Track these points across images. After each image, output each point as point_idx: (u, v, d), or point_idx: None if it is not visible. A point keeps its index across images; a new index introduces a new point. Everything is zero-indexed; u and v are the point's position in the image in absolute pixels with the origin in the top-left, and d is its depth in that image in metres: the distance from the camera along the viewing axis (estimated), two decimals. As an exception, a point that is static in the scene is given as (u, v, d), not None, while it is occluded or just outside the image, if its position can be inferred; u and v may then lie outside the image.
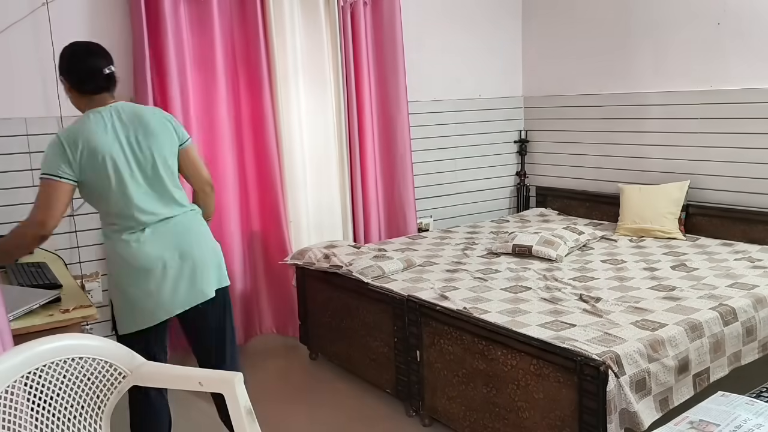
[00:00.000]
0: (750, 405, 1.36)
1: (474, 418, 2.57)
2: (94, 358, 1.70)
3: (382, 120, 4.12)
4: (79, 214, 3.32)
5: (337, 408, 3.08)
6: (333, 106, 3.96)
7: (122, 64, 3.36)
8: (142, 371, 1.77)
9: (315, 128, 3.95)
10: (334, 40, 3.88)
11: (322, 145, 3.98)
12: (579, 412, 2.15)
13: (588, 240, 3.69)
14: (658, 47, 4.04)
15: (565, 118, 4.66)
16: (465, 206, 4.77)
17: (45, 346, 1.63)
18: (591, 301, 2.70)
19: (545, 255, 3.38)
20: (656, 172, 4.10)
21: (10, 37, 3.06)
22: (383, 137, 4.14)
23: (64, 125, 3.21)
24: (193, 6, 3.42)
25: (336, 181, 4.04)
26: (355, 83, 3.95)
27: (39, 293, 2.15)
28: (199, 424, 2.97)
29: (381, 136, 4.13)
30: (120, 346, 1.76)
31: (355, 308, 3.18)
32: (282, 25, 3.72)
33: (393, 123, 4.10)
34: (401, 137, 4.11)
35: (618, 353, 2.16)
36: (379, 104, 4.11)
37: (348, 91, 3.93)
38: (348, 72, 3.91)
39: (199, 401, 3.05)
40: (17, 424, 1.54)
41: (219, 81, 3.50)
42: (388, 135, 4.13)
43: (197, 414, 3.03)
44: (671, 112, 4.00)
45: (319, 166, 4.00)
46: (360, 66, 3.96)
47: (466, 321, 2.57)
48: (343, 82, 3.91)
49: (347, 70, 3.91)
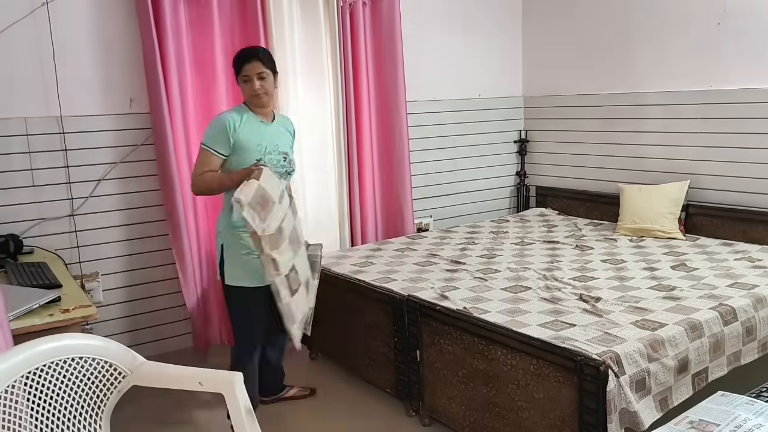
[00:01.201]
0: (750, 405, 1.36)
1: (474, 418, 2.57)
2: (94, 358, 1.70)
3: (381, 120, 4.12)
4: (79, 214, 3.33)
5: (337, 408, 3.08)
6: (332, 106, 3.96)
7: (122, 64, 3.38)
8: (142, 371, 1.77)
9: (313, 128, 3.94)
10: (334, 40, 3.88)
11: (320, 144, 3.98)
12: (579, 412, 2.15)
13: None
14: (658, 47, 4.04)
15: (565, 118, 4.66)
16: (465, 206, 4.77)
17: (45, 345, 1.63)
18: (591, 300, 2.70)
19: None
20: (656, 172, 4.10)
21: (10, 37, 3.06)
22: (382, 137, 4.14)
23: (64, 125, 3.23)
24: (193, 6, 3.42)
25: (333, 180, 4.04)
26: (354, 83, 3.95)
27: (39, 293, 2.15)
28: (198, 425, 2.97)
29: (379, 135, 4.13)
30: (120, 346, 1.76)
31: (355, 308, 3.18)
32: (281, 25, 3.72)
33: (392, 123, 4.10)
34: (399, 137, 4.11)
35: (618, 353, 2.17)
36: (377, 104, 4.11)
37: (347, 90, 3.93)
38: (347, 72, 3.91)
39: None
40: (17, 423, 1.54)
41: (219, 81, 3.50)
42: (387, 135, 4.13)
43: (198, 414, 3.03)
44: (671, 112, 4.00)
45: (316, 166, 3.99)
46: (359, 66, 3.96)
47: (466, 321, 2.57)
48: (342, 81, 3.91)
49: (346, 70, 3.91)
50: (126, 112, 3.41)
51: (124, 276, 3.50)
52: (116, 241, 3.46)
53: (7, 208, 3.13)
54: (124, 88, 3.40)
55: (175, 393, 1.97)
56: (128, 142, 3.43)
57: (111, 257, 3.45)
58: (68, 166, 3.28)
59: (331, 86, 3.94)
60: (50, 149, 3.23)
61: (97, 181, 3.37)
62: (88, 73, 3.30)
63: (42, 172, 3.22)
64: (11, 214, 3.14)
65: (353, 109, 3.97)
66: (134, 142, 3.43)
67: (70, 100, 3.23)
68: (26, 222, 3.19)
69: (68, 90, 3.22)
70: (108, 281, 3.44)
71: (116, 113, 3.39)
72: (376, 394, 3.14)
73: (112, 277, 3.46)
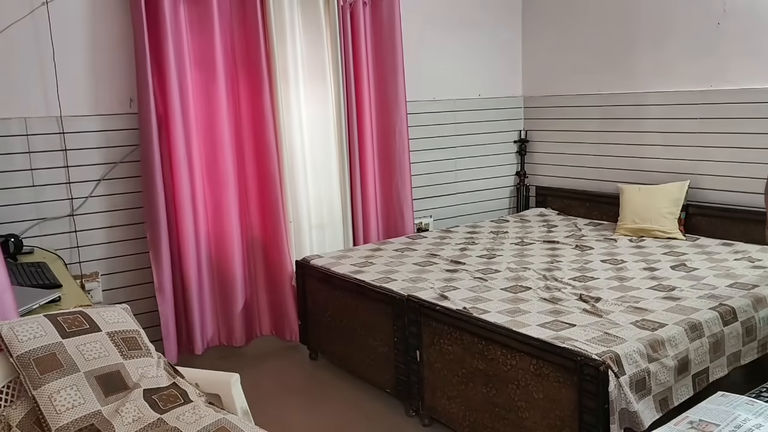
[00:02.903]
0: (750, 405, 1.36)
1: (474, 418, 2.57)
2: (94, 358, 1.69)
3: (381, 119, 4.12)
4: (79, 214, 3.33)
5: (337, 408, 3.08)
6: (332, 106, 3.96)
7: (123, 65, 3.38)
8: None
9: (314, 128, 3.95)
10: (334, 40, 3.88)
11: (321, 145, 3.98)
12: (579, 412, 2.15)
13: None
14: (658, 47, 4.04)
15: (565, 118, 4.66)
16: (465, 206, 4.77)
17: (45, 346, 1.62)
18: (591, 301, 2.70)
19: None
20: (656, 172, 4.10)
21: (10, 37, 3.06)
22: (382, 137, 4.13)
23: (64, 125, 3.23)
24: (193, 6, 3.42)
25: (336, 181, 4.04)
26: (354, 83, 3.95)
27: (39, 293, 2.15)
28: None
29: (380, 135, 4.13)
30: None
31: (355, 308, 3.18)
32: (282, 25, 3.72)
33: (392, 123, 4.10)
34: (400, 137, 4.11)
35: (618, 353, 2.16)
36: (378, 104, 4.10)
37: (347, 90, 3.93)
38: (347, 72, 3.91)
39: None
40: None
41: (219, 81, 3.50)
42: (387, 135, 4.13)
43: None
44: (671, 112, 4.00)
45: (318, 166, 3.99)
46: (359, 66, 3.96)
47: (466, 321, 2.57)
48: (343, 81, 3.91)
49: (347, 70, 3.91)
50: (126, 112, 3.41)
51: (124, 276, 3.50)
52: (116, 241, 3.46)
53: (7, 208, 3.13)
54: (124, 88, 3.40)
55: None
56: (128, 142, 3.43)
57: (111, 257, 3.45)
58: (68, 166, 3.28)
59: (332, 86, 3.94)
60: (50, 149, 3.23)
61: (97, 181, 3.37)
62: (88, 73, 3.30)
63: (42, 172, 3.22)
64: (11, 214, 3.14)
65: (354, 109, 3.97)
66: (134, 142, 3.43)
67: (70, 100, 3.23)
68: (26, 222, 3.19)
69: (68, 90, 3.22)
70: (108, 281, 3.44)
71: (116, 113, 3.39)
72: (376, 394, 3.14)
73: (111, 277, 3.46)
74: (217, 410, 1.64)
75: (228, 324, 3.69)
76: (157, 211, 3.36)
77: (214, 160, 3.55)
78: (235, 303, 3.67)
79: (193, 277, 3.50)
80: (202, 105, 3.52)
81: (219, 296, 3.68)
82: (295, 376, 3.50)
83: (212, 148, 3.55)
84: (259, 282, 3.80)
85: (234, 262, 3.63)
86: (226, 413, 1.63)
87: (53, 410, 1.50)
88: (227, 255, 3.63)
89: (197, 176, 3.51)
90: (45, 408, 1.50)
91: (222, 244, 3.63)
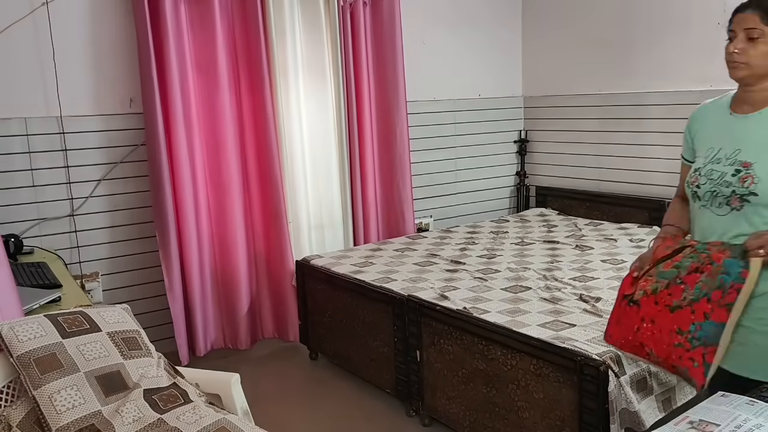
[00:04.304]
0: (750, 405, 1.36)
1: (474, 418, 2.57)
2: (94, 358, 1.69)
3: (381, 119, 4.12)
4: (79, 214, 3.33)
5: (337, 408, 3.08)
6: (333, 106, 3.96)
7: (123, 65, 3.38)
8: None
9: (315, 128, 3.95)
10: (334, 40, 3.88)
11: (321, 145, 3.98)
12: (579, 412, 2.14)
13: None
14: (658, 47, 4.03)
15: (565, 118, 4.66)
16: (465, 206, 4.77)
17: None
18: (591, 301, 2.70)
19: None
20: (656, 172, 4.09)
21: (10, 37, 3.06)
22: (382, 137, 4.13)
23: (64, 125, 3.23)
24: (194, 6, 3.42)
25: (336, 181, 4.04)
26: (354, 83, 3.95)
27: (39, 293, 2.15)
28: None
29: (380, 135, 4.13)
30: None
31: (355, 308, 3.18)
32: (282, 25, 3.72)
33: (392, 123, 4.10)
34: (400, 137, 4.11)
35: (618, 353, 2.16)
36: (378, 104, 4.10)
37: (348, 91, 3.93)
38: (348, 72, 3.91)
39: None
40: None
41: (220, 81, 3.49)
42: (387, 135, 4.13)
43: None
44: (671, 112, 4.00)
45: (319, 167, 3.99)
46: (360, 66, 3.96)
47: (466, 321, 2.57)
48: (343, 82, 3.91)
49: (347, 70, 3.91)
50: (126, 112, 3.41)
51: (124, 276, 3.50)
52: (116, 241, 3.46)
53: (7, 208, 3.13)
54: (124, 88, 3.40)
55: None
56: (128, 142, 3.43)
57: (111, 257, 3.45)
58: (68, 166, 3.28)
59: (332, 86, 3.94)
60: (50, 149, 3.23)
61: (97, 181, 3.37)
62: (88, 73, 3.30)
63: (42, 172, 3.22)
64: (11, 214, 3.14)
65: (355, 109, 3.97)
66: (134, 142, 3.43)
67: (70, 100, 3.23)
68: (26, 222, 3.19)
69: (68, 90, 3.22)
70: (108, 281, 3.44)
71: (116, 113, 3.39)
72: (376, 394, 3.14)
73: (112, 277, 3.46)
74: (218, 410, 1.64)
75: (233, 326, 3.69)
76: (166, 211, 3.36)
77: (216, 161, 3.55)
78: (239, 306, 3.66)
79: (196, 279, 3.50)
80: (203, 105, 3.51)
81: (223, 299, 3.67)
82: (296, 376, 3.50)
83: (214, 149, 3.55)
84: (262, 284, 3.80)
85: (238, 264, 3.62)
86: (227, 413, 1.63)
87: (53, 410, 1.50)
88: (231, 257, 3.62)
89: (200, 178, 3.51)
90: (45, 408, 1.50)
91: (225, 246, 3.62)
